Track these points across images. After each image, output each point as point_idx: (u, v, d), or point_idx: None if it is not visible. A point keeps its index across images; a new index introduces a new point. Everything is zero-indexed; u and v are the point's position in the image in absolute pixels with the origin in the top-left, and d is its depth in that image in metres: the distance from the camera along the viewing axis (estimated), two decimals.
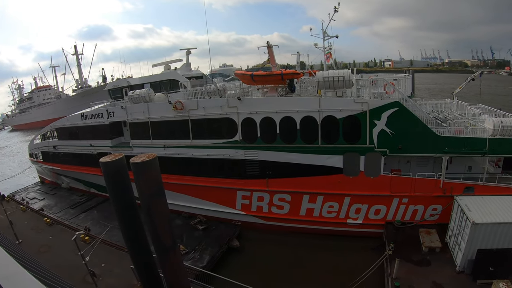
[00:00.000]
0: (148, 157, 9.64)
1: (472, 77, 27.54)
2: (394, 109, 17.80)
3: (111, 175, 10.01)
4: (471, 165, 19.68)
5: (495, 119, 18.42)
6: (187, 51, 26.89)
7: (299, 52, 24.49)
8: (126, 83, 27.85)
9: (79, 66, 69.05)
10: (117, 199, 10.29)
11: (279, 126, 19.53)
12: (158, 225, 10.22)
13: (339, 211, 19.95)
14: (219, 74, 39.53)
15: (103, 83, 60.03)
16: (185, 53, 26.95)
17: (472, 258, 15.64)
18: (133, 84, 27.47)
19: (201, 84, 25.08)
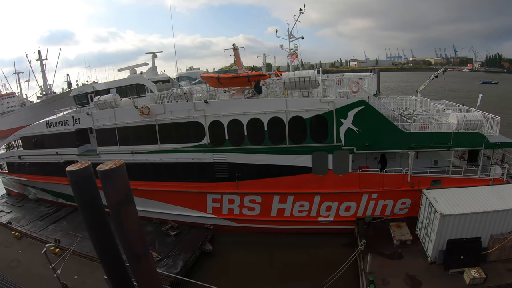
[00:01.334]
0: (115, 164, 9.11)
1: (436, 75, 28.10)
2: (360, 108, 17.61)
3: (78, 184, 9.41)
4: (437, 159, 19.83)
5: (459, 114, 18.61)
6: (153, 55, 25.62)
7: (265, 54, 23.99)
8: (91, 89, 26.18)
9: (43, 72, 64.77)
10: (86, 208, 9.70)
11: (247, 128, 18.82)
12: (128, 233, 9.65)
13: (310, 210, 19.48)
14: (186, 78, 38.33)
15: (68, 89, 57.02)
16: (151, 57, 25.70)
17: (442, 248, 15.68)
18: (99, 89, 25.85)
19: (167, 88, 23.97)
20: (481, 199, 16.60)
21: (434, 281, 14.85)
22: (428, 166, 19.37)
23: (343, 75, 22.71)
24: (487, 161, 20.59)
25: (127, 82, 25.22)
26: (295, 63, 22.14)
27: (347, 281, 16.27)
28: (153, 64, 26.07)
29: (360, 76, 22.36)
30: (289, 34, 21.18)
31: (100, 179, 9.02)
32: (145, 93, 23.36)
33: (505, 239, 15.72)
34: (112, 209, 9.22)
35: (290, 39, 21.32)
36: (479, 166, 19.17)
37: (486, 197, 16.78)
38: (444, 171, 18.68)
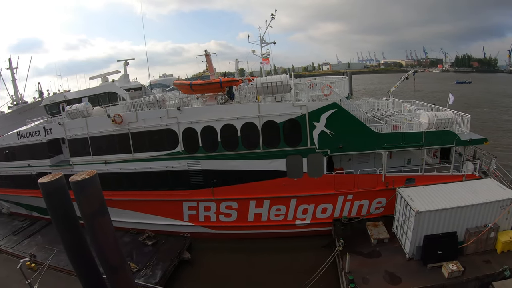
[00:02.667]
0: (88, 175, 9.03)
1: (406, 76, 28.29)
2: (332, 110, 17.37)
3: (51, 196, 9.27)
4: (410, 158, 19.83)
5: (430, 114, 18.68)
6: (125, 62, 24.53)
7: (238, 59, 23.42)
8: (63, 98, 24.77)
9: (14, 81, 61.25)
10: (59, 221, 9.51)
11: (220, 134, 18.13)
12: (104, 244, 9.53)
13: (286, 213, 18.94)
14: (159, 85, 37.21)
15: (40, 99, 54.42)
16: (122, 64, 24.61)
17: (420, 244, 15.64)
18: (70, 98, 24.51)
19: (140, 95, 22.93)
20: (455, 194, 16.67)
21: (413, 276, 14.73)
22: (401, 165, 19.34)
23: (315, 78, 22.47)
24: (459, 157, 20.65)
25: (99, 91, 24.04)
26: (267, 68, 21.68)
27: (327, 282, 15.93)
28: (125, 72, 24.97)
29: (332, 80, 22.14)
30: (261, 39, 20.72)
31: (73, 190, 8.84)
32: (117, 101, 22.28)
33: (481, 232, 15.85)
34: (86, 221, 9.12)
35: (262, 44, 20.85)
36: (452, 163, 19.23)
37: (459, 192, 16.89)
38: (417, 169, 18.64)
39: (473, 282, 14.59)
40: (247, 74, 23.88)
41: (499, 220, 16.46)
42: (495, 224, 16.25)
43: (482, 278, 14.69)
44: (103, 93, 23.62)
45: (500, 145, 40.57)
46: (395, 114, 21.84)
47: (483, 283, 14.69)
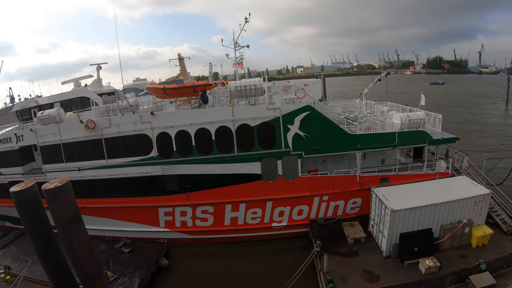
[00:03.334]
0: (60, 182, 8.79)
1: (379, 78, 28.75)
2: (306, 113, 17.38)
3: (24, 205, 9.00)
4: (384, 158, 20.03)
5: (402, 114, 18.95)
6: (98, 66, 23.81)
7: (211, 63, 23.14)
8: (34, 103, 23.84)
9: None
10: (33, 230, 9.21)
11: (195, 138, 17.81)
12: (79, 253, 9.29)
13: (263, 216, 18.78)
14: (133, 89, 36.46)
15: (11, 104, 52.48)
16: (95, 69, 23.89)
17: (396, 242, 15.80)
18: (42, 104, 23.61)
19: (113, 100, 22.30)
20: (429, 192, 16.93)
21: (391, 274, 14.86)
22: (375, 165, 19.50)
23: (289, 81, 22.49)
24: (432, 156, 21.05)
25: (72, 96, 23.23)
26: (241, 72, 21.52)
27: (306, 283, 15.76)
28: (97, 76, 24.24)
29: (306, 82, 22.22)
30: (234, 43, 20.54)
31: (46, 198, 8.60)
32: (90, 107, 21.62)
33: (455, 228, 16.17)
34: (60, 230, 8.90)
35: (235, 48, 20.67)
36: (425, 162, 19.53)
37: (433, 190, 17.17)
38: (391, 169, 18.83)
39: (450, 277, 14.88)
40: (221, 78, 23.65)
41: (473, 216, 16.86)
42: (469, 220, 16.62)
43: (459, 272, 14.98)
44: (75, 98, 22.85)
45: (471, 143, 41.98)
46: (368, 116, 22.10)
47: (460, 277, 14.99)
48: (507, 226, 17.97)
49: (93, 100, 21.78)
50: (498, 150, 38.99)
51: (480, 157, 25.65)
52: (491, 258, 15.67)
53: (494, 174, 23.50)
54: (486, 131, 52.08)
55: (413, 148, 20.34)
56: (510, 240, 17.31)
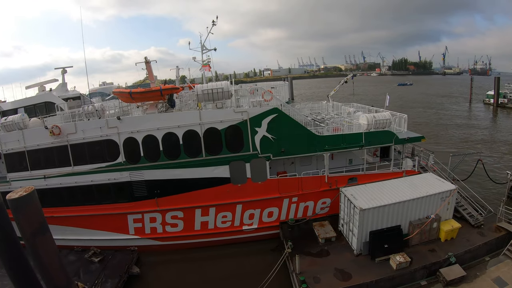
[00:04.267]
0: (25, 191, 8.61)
1: (345, 80, 29.54)
2: (273, 115, 17.65)
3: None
4: (352, 158, 20.55)
5: (368, 115, 19.53)
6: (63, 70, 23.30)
7: (178, 67, 23.10)
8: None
9: None
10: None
11: (162, 143, 17.76)
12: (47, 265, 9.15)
13: (233, 220, 18.92)
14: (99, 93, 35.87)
15: None
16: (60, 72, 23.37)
17: (366, 240, 16.26)
18: (6, 109, 22.94)
19: (78, 105, 21.93)
20: (397, 190, 17.58)
21: (363, 271, 15.27)
22: (343, 165, 20.04)
23: (256, 84, 22.72)
24: (398, 155, 21.86)
25: (36, 101, 22.70)
26: (209, 75, 21.54)
27: (280, 285, 15.98)
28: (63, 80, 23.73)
29: (273, 85, 22.57)
30: (201, 46, 20.65)
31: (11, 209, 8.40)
32: (55, 112, 21.15)
33: (423, 223, 16.83)
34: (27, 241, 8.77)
35: (203, 51, 20.75)
36: (391, 160, 20.23)
37: (401, 188, 17.84)
38: (359, 168, 19.39)
39: (421, 271, 15.46)
40: (188, 81, 23.62)
41: (440, 211, 17.59)
42: (437, 215, 17.34)
43: (429, 266, 15.60)
44: (40, 103, 22.34)
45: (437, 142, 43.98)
46: (335, 117, 22.70)
47: (430, 271, 15.61)
48: (474, 220, 18.89)
49: (58, 105, 21.36)
50: (463, 147, 40.83)
51: (445, 155, 26.68)
52: (460, 251, 16.46)
53: (459, 170, 24.63)
54: (451, 129, 54.57)
55: (380, 147, 20.97)
56: (478, 232, 18.24)
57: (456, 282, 15.07)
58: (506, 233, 18.12)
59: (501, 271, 15.97)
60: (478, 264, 16.77)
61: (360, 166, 19.39)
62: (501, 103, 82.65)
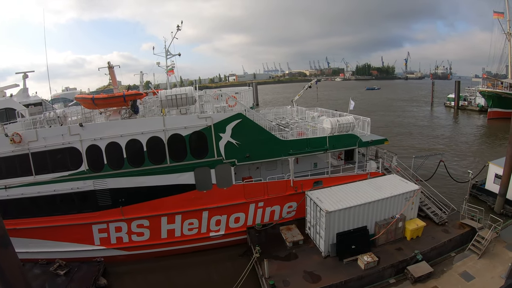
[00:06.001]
0: None
1: (309, 85, 30.54)
2: (238, 121, 18.13)
3: None
4: (316, 162, 21.23)
5: (332, 119, 20.37)
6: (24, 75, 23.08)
7: (142, 72, 23.23)
8: None
9: None
10: None
11: (126, 150, 17.97)
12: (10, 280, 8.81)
13: (200, 227, 19.30)
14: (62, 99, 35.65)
15: None
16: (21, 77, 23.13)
17: (333, 242, 16.86)
18: None
19: (40, 111, 21.83)
20: (361, 192, 18.41)
21: (332, 272, 15.88)
22: (308, 169, 20.71)
23: (221, 90, 23.16)
24: (362, 158, 22.76)
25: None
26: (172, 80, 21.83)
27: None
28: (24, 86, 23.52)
29: (237, 90, 23.12)
30: (166, 51, 20.99)
31: None
32: (16, 118, 20.98)
33: (389, 223, 17.72)
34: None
35: (167, 56, 21.01)
36: (356, 163, 21.05)
37: (365, 189, 18.68)
38: (324, 172, 20.11)
39: (389, 270, 16.25)
40: (152, 87, 23.80)
41: (405, 211, 18.57)
42: (402, 215, 18.29)
43: (397, 264, 16.42)
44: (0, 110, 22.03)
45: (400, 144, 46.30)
46: (300, 121, 23.43)
47: (398, 269, 16.43)
48: (438, 218, 20.00)
49: (19, 111, 21.15)
50: (426, 149, 42.88)
51: (408, 156, 28.00)
52: (426, 248, 17.43)
53: (422, 170, 26.11)
54: (414, 131, 57.58)
55: (344, 150, 21.72)
56: (442, 230, 19.34)
57: (424, 279, 15.96)
58: (470, 229, 19.31)
59: (467, 266, 17.07)
60: (445, 260, 17.79)
61: (325, 169, 20.15)
62: (461, 106, 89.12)
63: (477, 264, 17.17)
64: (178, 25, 20.27)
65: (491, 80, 78.61)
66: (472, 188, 26.49)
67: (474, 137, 54.06)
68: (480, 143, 50.27)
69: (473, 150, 44.91)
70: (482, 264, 17.16)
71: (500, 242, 18.89)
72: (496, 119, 68.42)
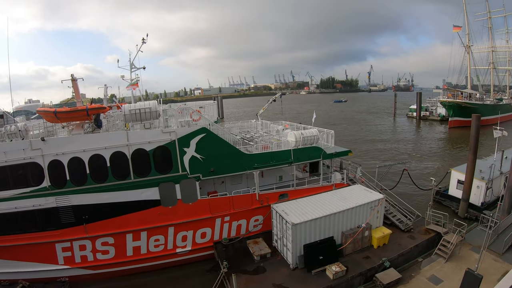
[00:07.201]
0: None
1: (274, 99, 31.37)
2: (202, 135, 18.39)
3: None
4: (282, 175, 21.55)
5: (296, 132, 20.96)
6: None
7: (106, 85, 23.22)
8: None
9: None
10: None
11: (89, 165, 17.95)
12: None
13: (166, 243, 19.35)
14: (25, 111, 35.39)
15: None
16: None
17: (301, 253, 17.21)
18: None
19: (1, 124, 21.58)
20: (327, 203, 18.97)
21: (301, 284, 16.16)
22: (274, 182, 21.22)
23: (186, 104, 23.39)
24: (327, 169, 23.37)
25: None
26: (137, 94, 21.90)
27: None
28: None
29: (201, 104, 23.44)
30: (130, 64, 21.13)
31: None
32: None
33: (355, 232, 18.28)
34: None
35: (131, 69, 21.14)
36: (321, 175, 21.70)
37: (331, 200, 19.27)
38: (289, 184, 20.66)
39: (358, 278, 16.70)
40: (116, 101, 23.83)
41: (370, 220, 19.23)
42: (367, 224, 18.92)
43: (365, 272, 16.91)
44: None
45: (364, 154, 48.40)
46: (264, 135, 23.90)
47: (367, 277, 16.92)
48: (403, 225, 20.87)
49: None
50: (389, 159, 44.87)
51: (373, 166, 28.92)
52: (393, 255, 18.09)
53: (386, 180, 27.39)
54: (378, 142, 60.30)
55: (309, 163, 22.33)
56: (408, 236, 20.16)
57: (393, 285, 16.47)
58: (435, 234, 20.24)
59: (434, 270, 17.80)
60: (412, 266, 18.47)
61: (290, 182, 20.54)
62: (423, 116, 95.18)
63: (444, 268, 17.93)
64: (144, 38, 20.47)
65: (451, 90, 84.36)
66: (436, 195, 27.98)
67: (436, 146, 57.05)
68: (442, 151, 53.02)
69: (436, 158, 47.27)
70: (449, 267, 17.95)
71: (465, 245, 19.87)
72: (457, 127, 73.09)
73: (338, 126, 72.83)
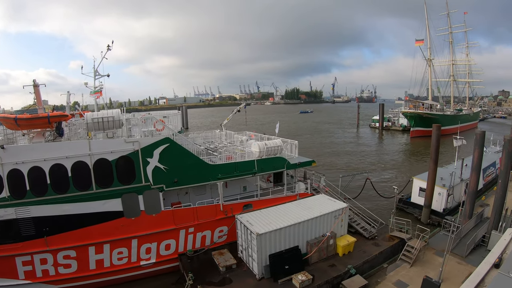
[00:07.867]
0: None
1: (238, 109, 31.49)
2: (165, 145, 18.28)
3: None
4: (246, 185, 21.76)
5: (260, 143, 21.26)
6: None
7: (69, 92, 22.81)
8: None
9: None
10: None
11: (49, 175, 17.60)
12: None
13: (129, 255, 19.07)
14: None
15: None
16: None
17: (266, 263, 17.29)
18: None
19: None
20: (291, 213, 19.16)
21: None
22: (238, 193, 21.31)
23: (150, 113, 23.30)
24: (291, 179, 23.67)
25: None
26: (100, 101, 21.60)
27: None
28: None
29: (165, 114, 23.40)
30: (94, 71, 20.90)
31: None
32: None
33: (320, 241, 18.52)
34: None
35: (95, 77, 20.82)
36: (285, 185, 21.91)
37: (295, 210, 19.48)
38: (253, 195, 20.77)
39: (324, 286, 16.89)
40: (79, 109, 23.49)
41: (335, 228, 19.52)
42: (332, 232, 19.19)
43: (331, 280, 17.16)
44: None
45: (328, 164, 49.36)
46: (228, 146, 24.02)
47: (333, 284, 17.15)
48: (368, 232, 21.34)
49: None
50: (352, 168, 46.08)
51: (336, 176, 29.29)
52: (358, 262, 18.45)
53: (349, 189, 28.02)
54: (341, 152, 61.98)
55: (273, 173, 22.71)
56: (373, 243, 20.62)
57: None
58: (399, 240, 20.77)
59: (400, 275, 18.29)
60: (378, 272, 18.95)
61: (255, 192, 20.68)
62: (386, 126, 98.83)
63: (410, 272, 18.38)
64: (109, 44, 20.32)
65: (413, 102, 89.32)
66: (399, 202, 28.94)
67: (398, 155, 59.14)
68: (404, 160, 55.03)
69: (398, 166, 48.82)
70: (414, 271, 18.39)
71: (429, 249, 20.40)
72: (418, 137, 76.01)
73: (302, 137, 74.93)
